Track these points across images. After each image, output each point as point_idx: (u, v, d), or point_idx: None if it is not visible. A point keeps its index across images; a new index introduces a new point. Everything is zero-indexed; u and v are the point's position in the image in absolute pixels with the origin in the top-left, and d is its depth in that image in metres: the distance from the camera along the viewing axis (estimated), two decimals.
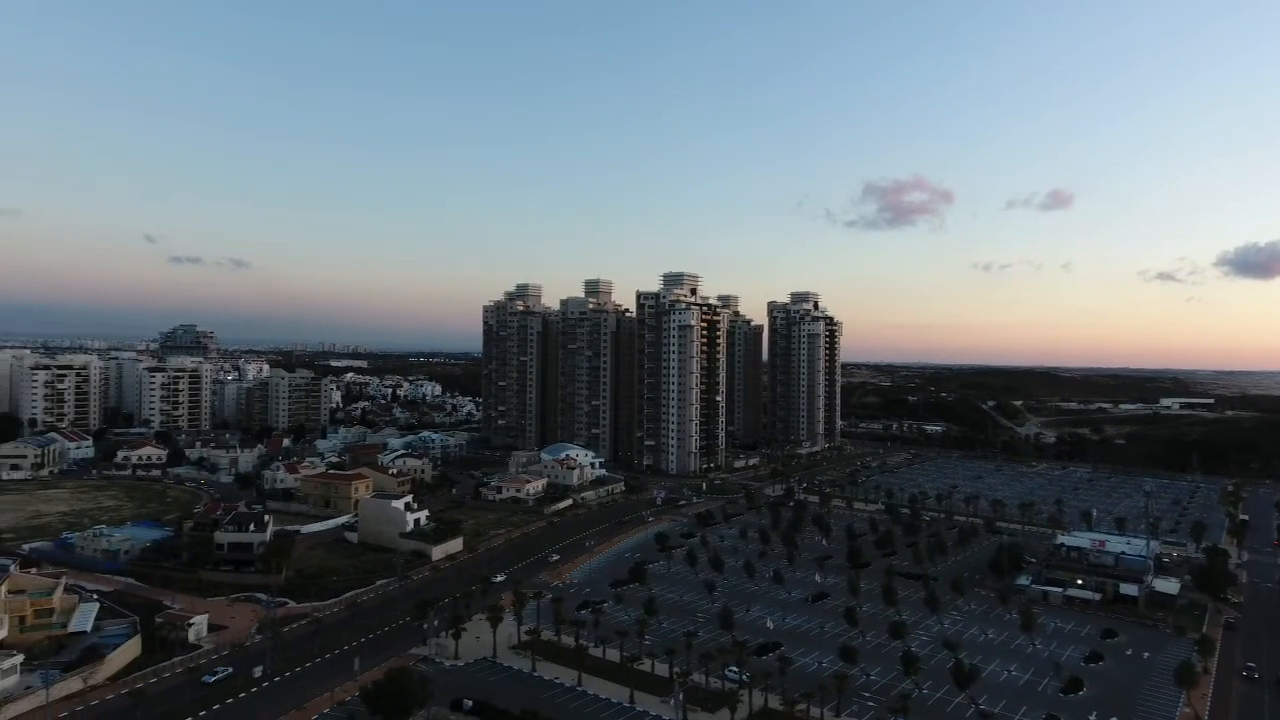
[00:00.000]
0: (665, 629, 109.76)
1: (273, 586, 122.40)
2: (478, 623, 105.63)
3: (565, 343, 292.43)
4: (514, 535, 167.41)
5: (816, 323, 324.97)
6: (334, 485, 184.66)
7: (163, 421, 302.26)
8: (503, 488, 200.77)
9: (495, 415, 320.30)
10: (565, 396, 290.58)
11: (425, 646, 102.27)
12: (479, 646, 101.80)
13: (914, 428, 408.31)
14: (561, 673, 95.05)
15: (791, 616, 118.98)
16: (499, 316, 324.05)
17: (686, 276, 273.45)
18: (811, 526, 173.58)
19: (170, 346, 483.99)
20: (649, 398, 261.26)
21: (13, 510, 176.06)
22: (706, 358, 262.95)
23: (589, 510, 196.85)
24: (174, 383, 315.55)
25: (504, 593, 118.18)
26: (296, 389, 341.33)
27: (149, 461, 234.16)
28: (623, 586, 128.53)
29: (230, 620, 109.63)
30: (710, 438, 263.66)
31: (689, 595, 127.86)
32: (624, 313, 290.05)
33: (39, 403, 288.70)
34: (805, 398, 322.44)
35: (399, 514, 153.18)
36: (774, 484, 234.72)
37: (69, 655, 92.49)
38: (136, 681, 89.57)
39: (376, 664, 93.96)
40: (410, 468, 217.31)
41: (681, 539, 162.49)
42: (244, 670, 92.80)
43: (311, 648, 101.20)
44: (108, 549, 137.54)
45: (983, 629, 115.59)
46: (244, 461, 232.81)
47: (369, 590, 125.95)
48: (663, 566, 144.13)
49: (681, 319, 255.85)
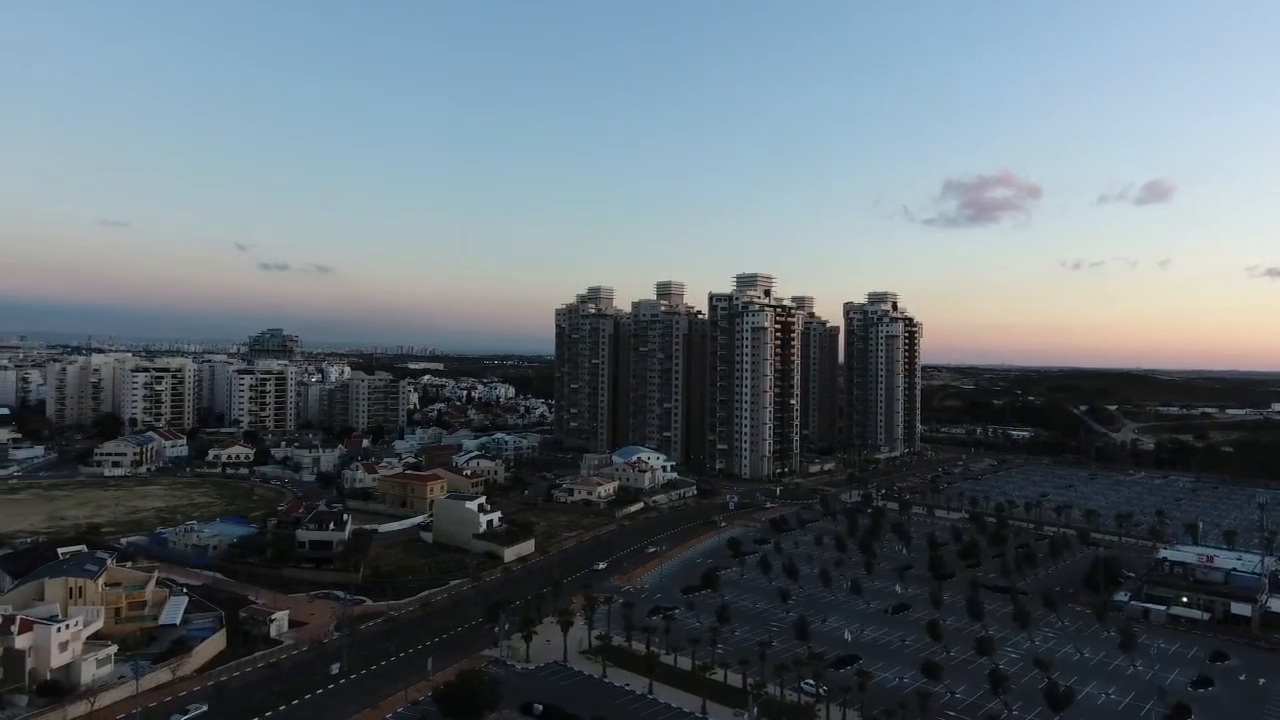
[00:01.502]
0: (738, 637, 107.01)
1: (351, 584, 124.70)
2: (548, 625, 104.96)
3: (637, 345, 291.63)
4: (585, 538, 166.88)
5: (895, 324, 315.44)
6: (410, 485, 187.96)
7: (251, 422, 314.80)
8: (574, 490, 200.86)
9: (567, 417, 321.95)
10: (637, 399, 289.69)
11: (497, 648, 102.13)
12: (550, 650, 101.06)
13: (999, 433, 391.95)
14: (632, 679, 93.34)
15: (870, 628, 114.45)
16: (571, 319, 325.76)
17: (760, 278, 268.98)
18: (890, 535, 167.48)
19: (258, 350, 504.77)
20: (721, 400, 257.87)
21: (113, 505, 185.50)
22: (780, 360, 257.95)
23: (660, 514, 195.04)
24: (261, 384, 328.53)
25: (574, 596, 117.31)
26: (375, 391, 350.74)
27: (237, 460, 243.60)
28: (694, 593, 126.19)
29: (310, 617, 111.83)
30: (784, 441, 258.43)
31: (762, 603, 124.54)
32: (696, 315, 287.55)
33: (139, 403, 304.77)
34: (883, 401, 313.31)
35: (472, 515, 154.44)
36: (851, 490, 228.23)
37: (159, 647, 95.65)
38: (221, 675, 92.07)
39: (449, 664, 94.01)
40: (484, 469, 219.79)
41: (755, 545, 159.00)
42: (321, 669, 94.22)
43: (387, 646, 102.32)
44: (198, 544, 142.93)
45: (1078, 647, 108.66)
46: (325, 461, 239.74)
47: (442, 590, 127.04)
48: (735, 573, 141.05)
49: (755, 321, 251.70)
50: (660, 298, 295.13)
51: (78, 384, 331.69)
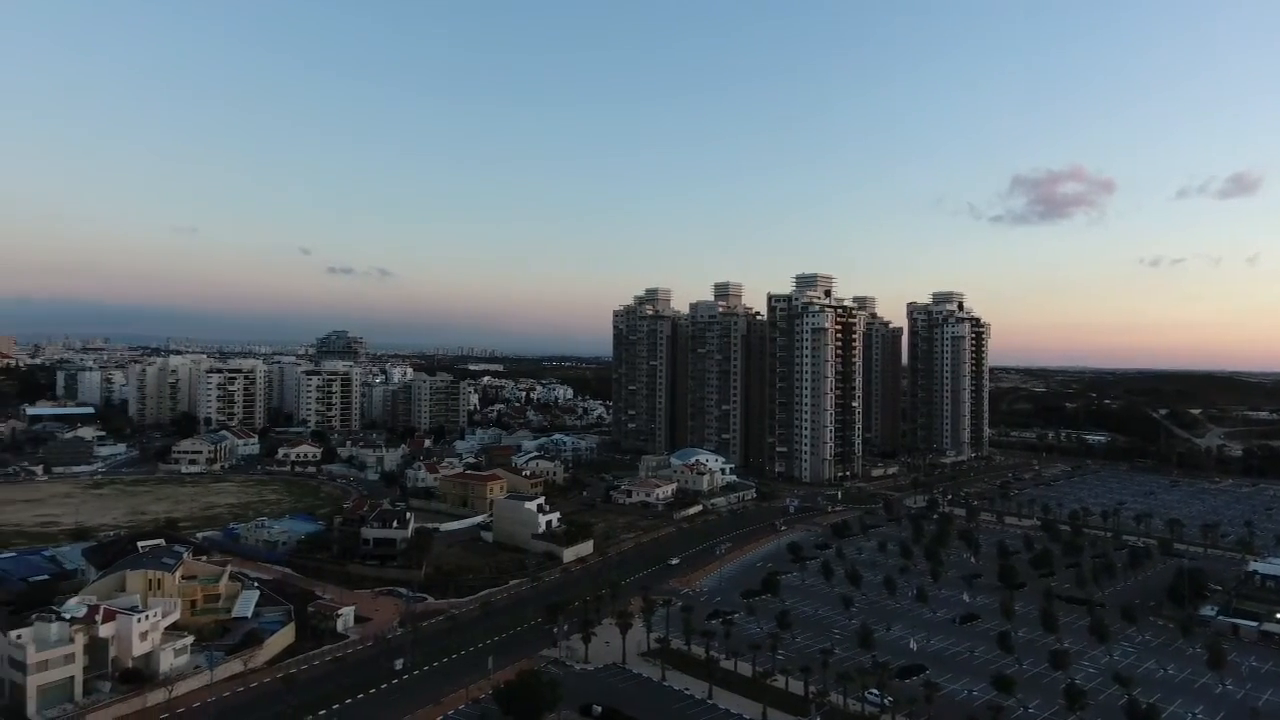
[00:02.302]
0: (799, 644, 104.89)
1: (413, 582, 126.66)
2: (607, 627, 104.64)
3: (695, 347, 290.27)
4: (644, 540, 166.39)
5: (961, 324, 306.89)
6: (471, 485, 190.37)
7: (318, 421, 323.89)
8: (632, 491, 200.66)
9: (625, 419, 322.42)
10: (695, 401, 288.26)
11: (556, 649, 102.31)
12: (608, 651, 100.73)
13: (1073, 437, 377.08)
14: (691, 684, 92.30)
15: (937, 638, 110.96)
16: (628, 321, 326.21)
17: (820, 278, 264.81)
18: (958, 542, 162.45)
19: (325, 351, 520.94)
20: (781, 402, 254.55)
21: (189, 501, 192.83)
22: (841, 361, 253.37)
23: (719, 517, 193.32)
24: (328, 385, 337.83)
25: (633, 598, 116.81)
26: (437, 391, 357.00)
27: (305, 459, 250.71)
28: (754, 597, 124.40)
29: (374, 613, 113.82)
30: (846, 445, 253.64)
31: (824, 610, 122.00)
32: (754, 316, 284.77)
33: (213, 403, 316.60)
34: (949, 404, 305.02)
35: (532, 515, 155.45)
36: (915, 495, 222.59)
37: (232, 638, 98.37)
38: (290, 667, 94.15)
39: (509, 663, 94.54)
40: (543, 470, 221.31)
41: (816, 550, 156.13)
42: (386, 664, 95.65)
43: (448, 643, 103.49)
44: (268, 540, 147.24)
45: (1160, 663, 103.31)
46: (389, 460, 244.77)
47: (502, 590, 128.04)
48: (796, 578, 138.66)
49: (815, 321, 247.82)
50: (718, 299, 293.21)
51: (157, 384, 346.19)
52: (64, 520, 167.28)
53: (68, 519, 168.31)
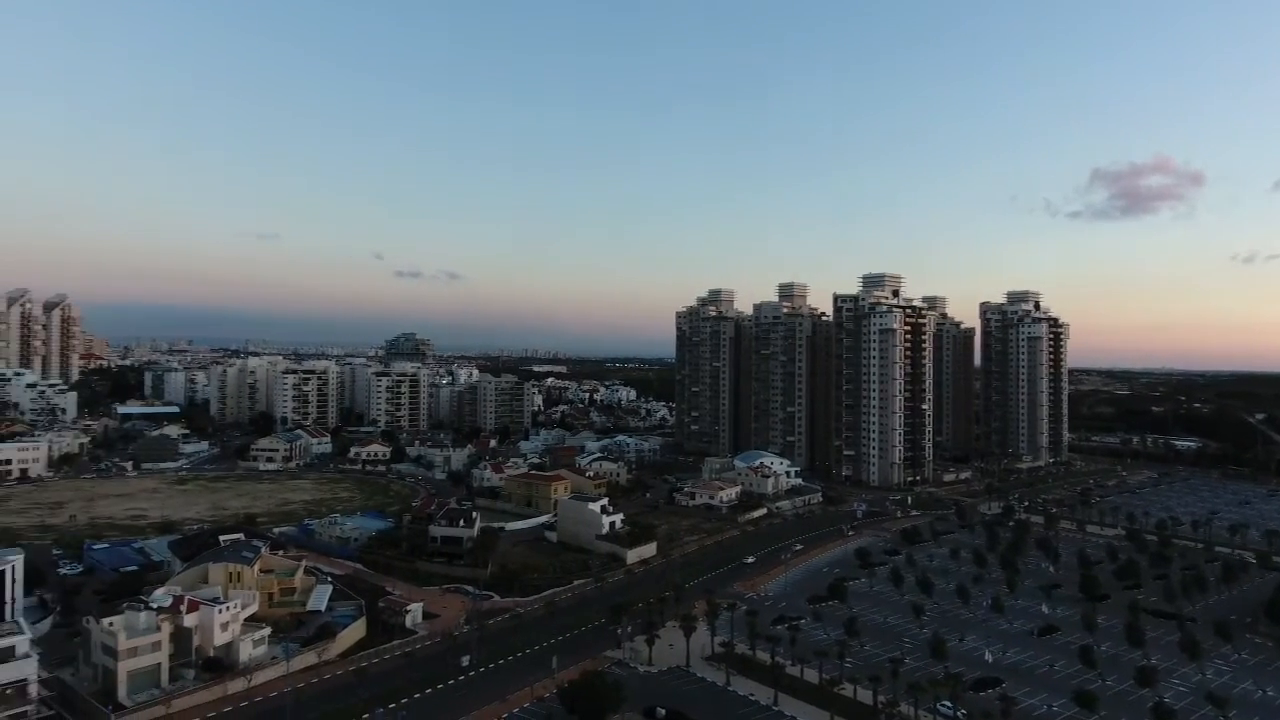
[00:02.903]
0: (868, 652, 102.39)
1: (479, 580, 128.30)
2: (671, 630, 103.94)
3: (759, 348, 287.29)
4: (707, 542, 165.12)
5: (1038, 324, 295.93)
6: (535, 485, 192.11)
7: (387, 421, 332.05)
8: (696, 494, 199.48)
9: (688, 421, 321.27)
10: (759, 403, 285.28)
11: (620, 650, 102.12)
12: (672, 654, 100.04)
13: (1159, 442, 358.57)
14: (756, 689, 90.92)
15: (1014, 650, 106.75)
16: (691, 322, 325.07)
17: (888, 278, 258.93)
18: (1035, 550, 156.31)
19: (394, 353, 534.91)
20: (848, 405, 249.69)
21: (266, 497, 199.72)
22: (911, 363, 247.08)
23: (784, 520, 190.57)
24: (397, 386, 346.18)
25: (697, 601, 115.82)
26: (502, 392, 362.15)
27: (375, 458, 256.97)
28: (821, 603, 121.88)
29: (442, 609, 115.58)
30: (916, 448, 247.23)
31: (894, 618, 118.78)
32: (820, 316, 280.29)
33: (289, 403, 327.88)
34: (1025, 407, 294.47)
35: (595, 516, 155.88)
36: (989, 501, 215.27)
37: (306, 631, 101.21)
38: (361, 660, 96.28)
39: (573, 664, 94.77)
40: (606, 471, 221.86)
41: (885, 556, 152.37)
42: (452, 661, 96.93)
43: (513, 642, 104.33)
44: (340, 536, 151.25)
45: (1258, 684, 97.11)
46: (455, 460, 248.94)
47: (566, 589, 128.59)
48: (864, 584, 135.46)
49: (882, 322, 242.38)
50: (782, 299, 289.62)
51: (236, 385, 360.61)
52: (151, 514, 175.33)
53: (155, 513, 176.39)
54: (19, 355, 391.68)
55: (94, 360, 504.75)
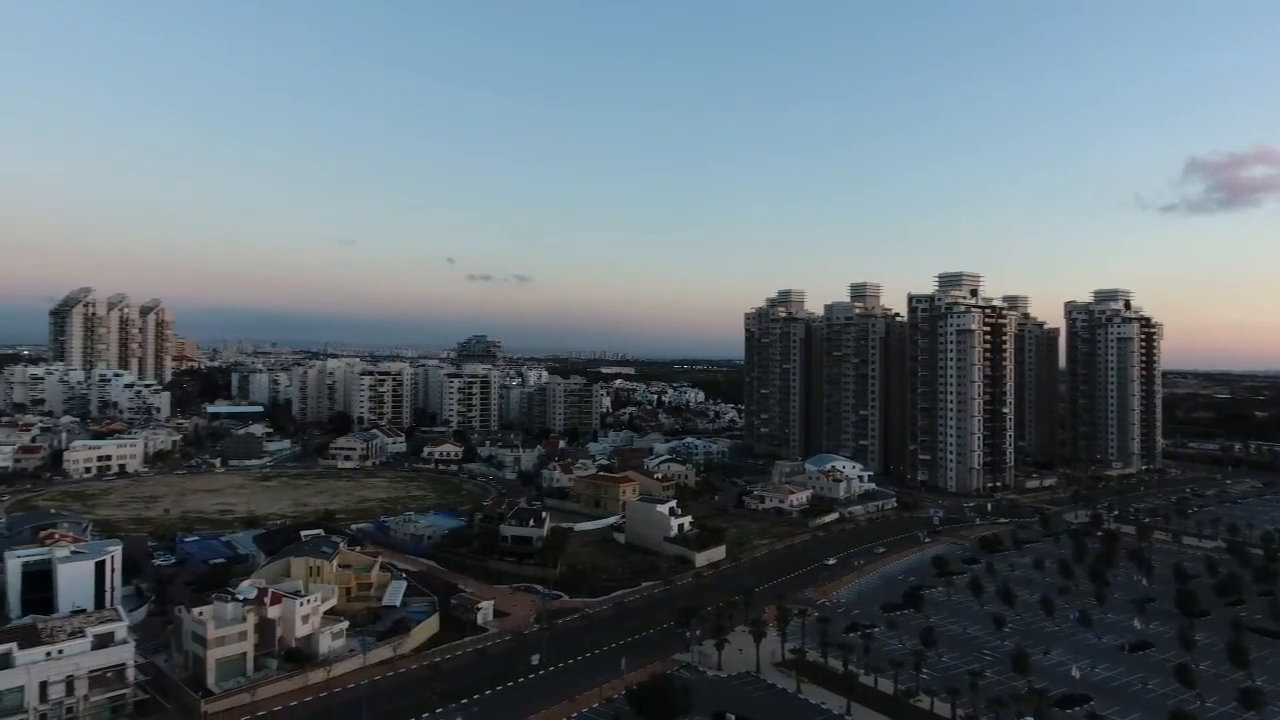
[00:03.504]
0: (945, 664, 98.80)
1: (549, 580, 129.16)
2: (740, 634, 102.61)
3: (830, 349, 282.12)
4: (777, 547, 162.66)
5: (1128, 324, 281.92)
6: (603, 486, 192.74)
7: (459, 421, 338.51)
8: (766, 497, 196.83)
9: (758, 423, 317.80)
10: (830, 405, 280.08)
11: (688, 653, 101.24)
12: (742, 659, 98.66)
13: (1264, 449, 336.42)
14: (828, 698, 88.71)
15: (1103, 666, 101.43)
16: (760, 323, 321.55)
17: (965, 276, 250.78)
18: (1127, 562, 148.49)
19: (465, 355, 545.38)
20: (923, 408, 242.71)
21: (344, 495, 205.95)
22: (991, 365, 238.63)
23: (856, 526, 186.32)
24: (468, 387, 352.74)
25: (767, 606, 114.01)
26: (571, 394, 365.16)
27: (447, 457, 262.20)
28: (895, 611, 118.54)
29: (512, 608, 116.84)
30: (996, 453, 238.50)
31: (973, 629, 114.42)
32: (894, 317, 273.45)
33: (365, 403, 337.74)
34: (1114, 411, 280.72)
35: (663, 518, 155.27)
36: (1076, 509, 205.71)
37: (382, 625, 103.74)
38: (435, 655, 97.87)
39: (641, 665, 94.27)
40: (674, 473, 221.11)
41: (963, 564, 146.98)
42: (522, 659, 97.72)
43: (582, 642, 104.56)
44: (414, 533, 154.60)
45: None
46: (525, 460, 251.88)
47: (635, 591, 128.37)
48: (941, 593, 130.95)
49: (960, 323, 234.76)
50: (855, 299, 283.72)
51: (316, 385, 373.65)
52: (238, 509, 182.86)
53: (241, 508, 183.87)
54: (118, 357, 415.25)
55: (185, 362, 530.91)
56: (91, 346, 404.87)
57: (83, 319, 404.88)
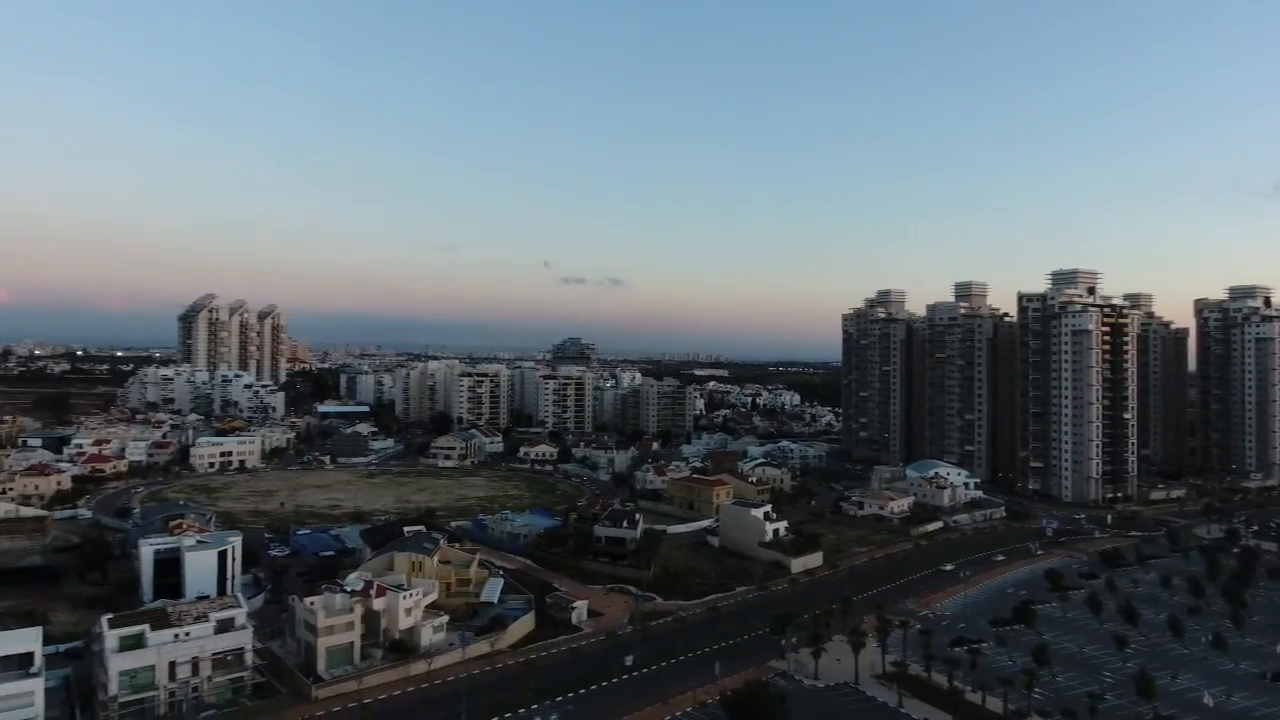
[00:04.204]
0: (1059, 684, 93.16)
1: (642, 581, 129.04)
2: (838, 644, 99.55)
3: (933, 351, 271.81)
4: (877, 555, 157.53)
5: (1269, 324, 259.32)
6: (697, 489, 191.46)
7: (554, 423, 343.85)
8: (865, 503, 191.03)
9: (856, 427, 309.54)
10: (933, 409, 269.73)
11: (784, 661, 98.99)
12: (839, 669, 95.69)
13: None
14: (931, 714, 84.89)
15: (1240, 694, 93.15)
16: (858, 324, 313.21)
17: (1081, 273, 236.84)
18: (1268, 582, 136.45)
19: (560, 357, 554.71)
20: (1035, 413, 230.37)
21: (444, 493, 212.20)
22: (1110, 367, 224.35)
23: (962, 535, 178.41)
24: (563, 389, 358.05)
25: (866, 615, 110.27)
26: (664, 396, 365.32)
27: (543, 458, 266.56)
28: (1005, 626, 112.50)
29: (606, 608, 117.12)
30: (1117, 461, 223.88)
31: (1091, 648, 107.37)
32: (1002, 317, 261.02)
33: (464, 404, 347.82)
34: (1252, 417, 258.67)
35: (758, 523, 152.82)
36: (1208, 523, 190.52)
37: (480, 621, 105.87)
38: (531, 652, 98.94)
39: (735, 671, 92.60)
40: (769, 476, 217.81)
41: (1080, 579, 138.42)
42: (616, 659, 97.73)
43: (675, 645, 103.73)
44: (511, 532, 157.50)
45: None
46: (619, 462, 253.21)
47: (729, 596, 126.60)
48: (1055, 609, 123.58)
49: (1075, 323, 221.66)
50: (959, 299, 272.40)
51: (418, 386, 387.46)
52: (345, 504, 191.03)
53: (348, 503, 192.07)
54: (238, 359, 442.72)
55: (298, 363, 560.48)
56: (215, 349, 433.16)
57: (207, 324, 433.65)
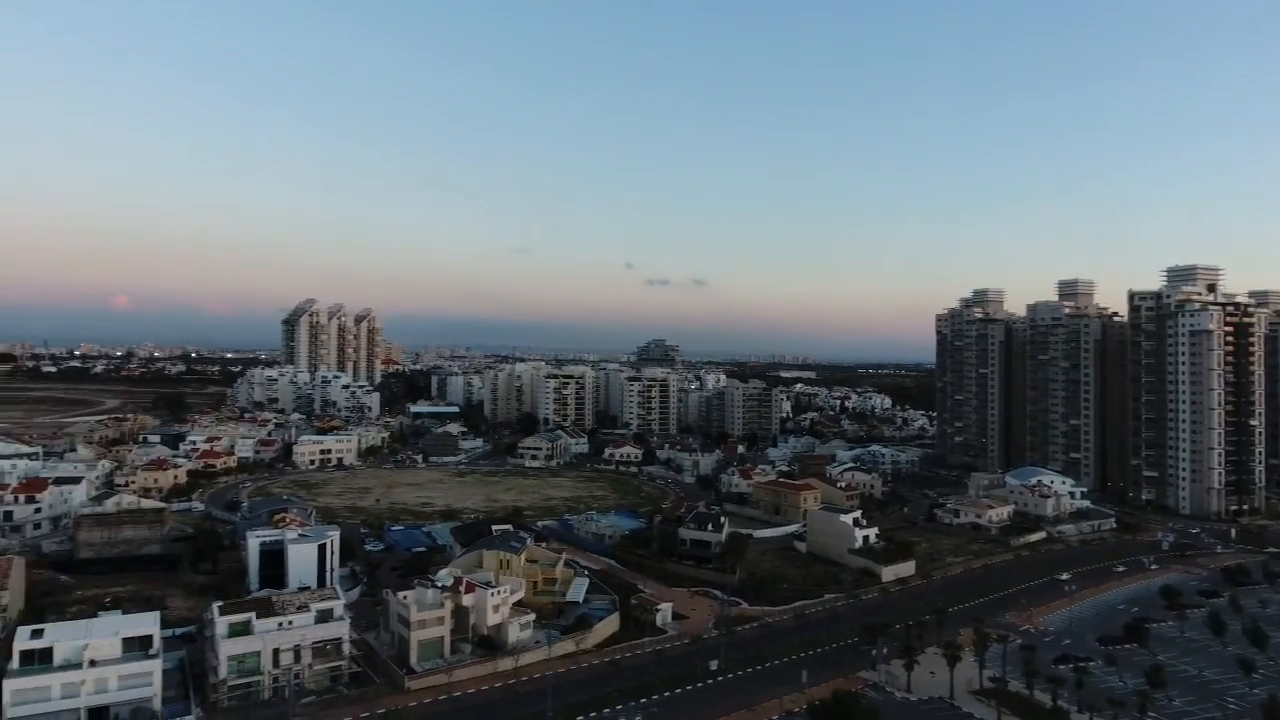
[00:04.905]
0: (1176, 708, 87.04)
1: (728, 585, 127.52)
2: (932, 656, 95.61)
3: (1034, 353, 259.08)
4: (974, 565, 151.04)
5: None
6: (783, 493, 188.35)
7: (638, 424, 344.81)
8: (960, 511, 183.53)
9: (951, 432, 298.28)
10: (1035, 414, 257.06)
11: (874, 672, 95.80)
12: (933, 683, 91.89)
13: None
14: None
15: None
16: (954, 325, 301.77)
17: (1200, 270, 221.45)
18: None
19: (644, 358, 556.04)
20: (1149, 418, 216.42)
21: (531, 492, 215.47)
22: (1234, 370, 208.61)
23: (1067, 547, 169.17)
24: (647, 390, 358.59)
25: (962, 628, 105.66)
26: (749, 398, 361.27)
27: (627, 459, 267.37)
28: (1114, 645, 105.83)
29: (691, 611, 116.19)
30: (1242, 471, 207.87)
31: (1211, 671, 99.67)
32: (1111, 317, 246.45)
33: (550, 405, 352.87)
34: None
35: (847, 529, 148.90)
36: None
37: (565, 620, 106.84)
38: (615, 653, 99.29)
39: (823, 680, 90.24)
40: (858, 482, 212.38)
41: (1200, 597, 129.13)
42: (700, 663, 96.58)
43: (761, 651, 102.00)
44: (596, 532, 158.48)
45: None
46: (704, 465, 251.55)
47: (816, 603, 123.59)
48: (1172, 628, 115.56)
49: (1194, 322, 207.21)
50: (1063, 298, 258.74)
51: (506, 388, 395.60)
52: (436, 502, 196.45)
53: (439, 501, 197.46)
54: (336, 360, 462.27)
55: (392, 365, 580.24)
56: (315, 351, 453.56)
57: (308, 327, 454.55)
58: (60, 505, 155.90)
